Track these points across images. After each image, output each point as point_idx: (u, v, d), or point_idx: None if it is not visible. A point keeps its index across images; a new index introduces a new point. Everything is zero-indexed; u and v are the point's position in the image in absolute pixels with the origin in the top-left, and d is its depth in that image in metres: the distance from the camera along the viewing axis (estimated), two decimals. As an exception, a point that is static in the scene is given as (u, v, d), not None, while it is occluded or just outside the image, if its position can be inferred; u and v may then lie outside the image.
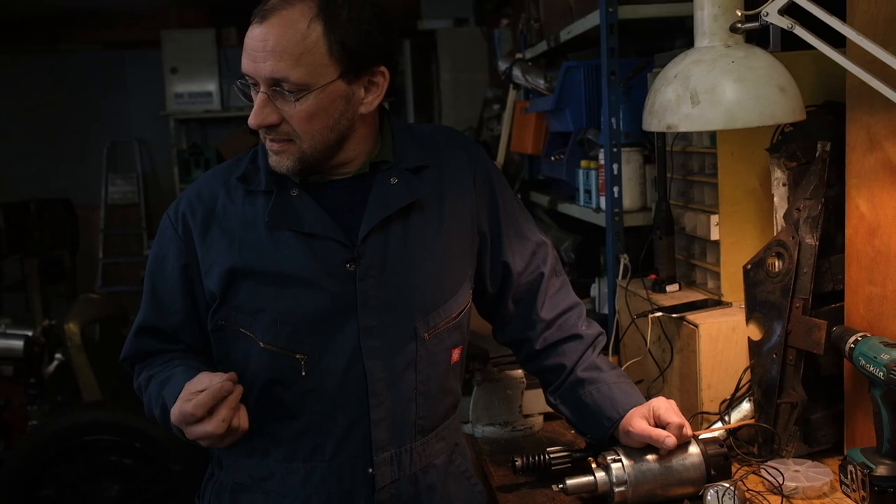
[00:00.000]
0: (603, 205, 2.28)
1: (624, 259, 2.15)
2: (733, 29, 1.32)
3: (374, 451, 1.42)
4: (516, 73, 2.70)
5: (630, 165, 2.22)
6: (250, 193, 1.43)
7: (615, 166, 2.19)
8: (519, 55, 3.02)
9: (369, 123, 1.43)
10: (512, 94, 3.01)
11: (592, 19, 2.26)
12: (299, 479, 1.43)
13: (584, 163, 2.47)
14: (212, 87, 6.45)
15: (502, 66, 2.76)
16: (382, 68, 1.38)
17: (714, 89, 1.30)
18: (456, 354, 1.53)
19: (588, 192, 2.41)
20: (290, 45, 1.29)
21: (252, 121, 1.33)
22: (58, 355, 3.73)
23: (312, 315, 1.40)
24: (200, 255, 1.43)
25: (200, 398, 1.29)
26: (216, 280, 1.41)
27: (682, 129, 1.33)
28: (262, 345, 1.40)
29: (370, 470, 1.42)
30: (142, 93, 6.81)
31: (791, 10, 1.27)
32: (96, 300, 3.78)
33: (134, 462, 3.24)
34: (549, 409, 1.88)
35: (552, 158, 2.74)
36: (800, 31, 1.25)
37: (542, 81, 2.62)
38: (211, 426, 1.29)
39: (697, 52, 1.35)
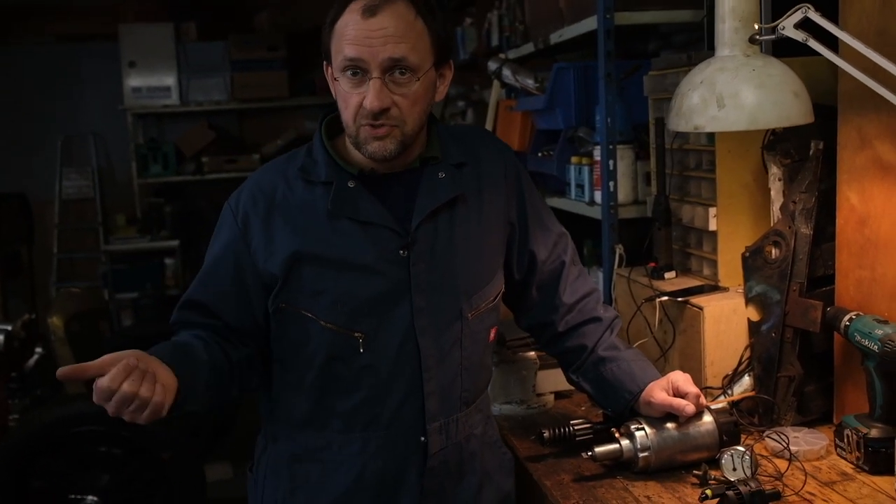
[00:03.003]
0: (597, 198, 2.43)
1: (619, 249, 2.31)
2: (752, 40, 1.49)
3: (426, 421, 1.55)
4: (506, 72, 2.84)
5: (624, 162, 2.38)
6: (310, 184, 1.54)
7: (611, 162, 2.35)
8: (502, 55, 3.16)
9: (427, 118, 1.55)
10: (496, 94, 3.15)
11: (588, 24, 2.41)
12: (357, 448, 1.55)
13: (574, 159, 2.62)
14: (170, 81, 6.43)
15: (492, 66, 2.90)
16: (451, 62, 1.55)
17: (738, 94, 1.46)
18: (492, 334, 1.67)
19: (580, 186, 2.56)
20: (408, 32, 1.43)
21: (374, 103, 1.43)
22: (38, 349, 3.74)
23: (370, 296, 1.52)
24: (262, 242, 1.53)
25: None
26: (279, 264, 1.51)
27: (709, 129, 1.49)
28: (322, 324, 1.52)
29: (423, 438, 1.55)
30: (98, 87, 6.74)
31: (804, 24, 1.44)
32: (78, 294, 3.81)
33: (123, 452, 3.29)
34: (560, 388, 2.05)
35: (539, 155, 2.88)
36: (813, 44, 1.41)
37: (531, 81, 2.76)
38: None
39: (720, 61, 1.51)
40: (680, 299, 1.92)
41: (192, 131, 6.66)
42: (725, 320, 1.87)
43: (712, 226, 1.98)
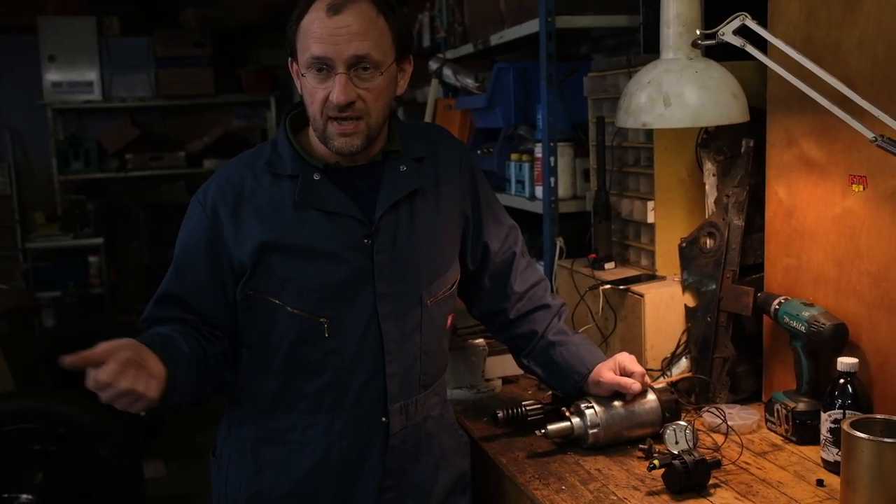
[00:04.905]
0: (538, 193, 2.54)
1: (560, 242, 2.43)
2: (694, 44, 1.61)
3: (388, 402, 1.62)
4: (447, 72, 2.93)
5: (564, 158, 2.49)
6: (277, 177, 1.60)
7: (552, 159, 2.46)
8: (440, 55, 3.25)
9: (389, 112, 1.63)
10: (434, 93, 3.23)
11: (529, 27, 2.51)
12: (322, 429, 1.61)
13: (514, 156, 2.73)
14: (92, 76, 6.31)
15: (433, 65, 2.98)
16: (410, 57, 1.62)
17: (682, 94, 1.58)
18: (449, 320, 1.75)
19: (521, 182, 2.67)
20: (370, 29, 1.50)
21: (340, 97, 1.49)
22: (-36, 348, 3.65)
23: (335, 283, 1.58)
24: (231, 233, 1.58)
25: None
26: (248, 254, 1.57)
27: (656, 126, 1.60)
28: (289, 310, 1.58)
29: (384, 419, 1.62)
30: (14, 81, 6.55)
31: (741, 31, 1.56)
32: (7, 291, 3.73)
33: (59, 449, 3.25)
34: (508, 374, 2.14)
35: (479, 152, 2.98)
36: (750, 49, 1.54)
37: (471, 81, 2.86)
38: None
39: (666, 63, 1.63)
40: (622, 287, 2.04)
41: (116, 128, 6.54)
42: (664, 306, 1.99)
43: (650, 218, 2.11)
